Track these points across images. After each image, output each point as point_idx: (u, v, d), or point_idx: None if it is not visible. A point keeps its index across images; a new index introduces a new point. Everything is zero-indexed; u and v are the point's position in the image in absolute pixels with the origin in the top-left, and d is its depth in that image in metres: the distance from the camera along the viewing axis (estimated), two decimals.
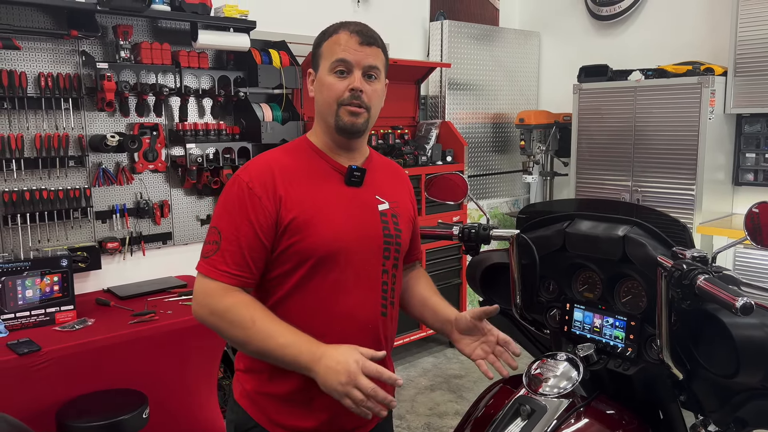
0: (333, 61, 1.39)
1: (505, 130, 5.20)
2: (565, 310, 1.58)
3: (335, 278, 1.39)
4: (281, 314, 1.40)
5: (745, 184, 4.19)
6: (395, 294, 1.51)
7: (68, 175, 3.04)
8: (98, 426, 2.28)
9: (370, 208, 1.47)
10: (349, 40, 1.40)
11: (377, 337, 1.46)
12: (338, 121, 1.41)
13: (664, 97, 4.02)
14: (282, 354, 1.29)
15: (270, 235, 1.37)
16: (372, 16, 4.45)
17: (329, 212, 1.39)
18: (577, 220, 1.57)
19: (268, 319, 1.32)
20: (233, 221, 1.36)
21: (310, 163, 1.45)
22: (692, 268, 1.24)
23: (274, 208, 1.36)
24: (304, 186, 1.40)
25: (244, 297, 1.35)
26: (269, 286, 1.43)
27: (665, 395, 1.45)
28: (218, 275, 1.34)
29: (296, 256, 1.37)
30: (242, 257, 1.35)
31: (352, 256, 1.40)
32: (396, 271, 1.51)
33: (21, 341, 2.42)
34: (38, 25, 2.89)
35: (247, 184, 1.37)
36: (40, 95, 2.88)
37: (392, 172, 1.62)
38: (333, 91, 1.40)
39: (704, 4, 4.42)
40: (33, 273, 2.63)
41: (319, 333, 1.37)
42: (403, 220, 1.53)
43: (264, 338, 1.30)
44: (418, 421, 3.44)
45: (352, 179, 1.45)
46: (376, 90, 1.44)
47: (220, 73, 3.43)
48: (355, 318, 1.42)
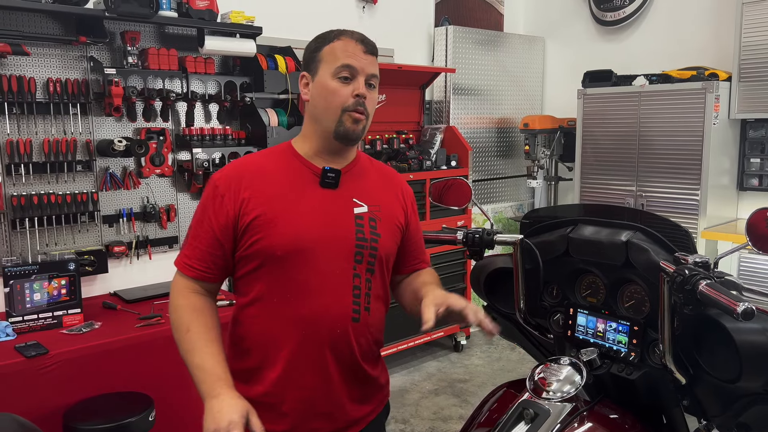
0: (338, 66, 1.39)
1: (510, 134, 5.22)
2: (568, 314, 1.59)
3: (300, 279, 1.38)
4: (250, 315, 1.42)
5: (749, 189, 4.19)
6: (372, 300, 1.46)
7: (76, 179, 3.06)
8: (105, 428, 2.29)
9: (344, 210, 1.44)
10: (354, 47, 1.41)
11: (347, 343, 1.43)
12: (339, 127, 1.41)
13: (668, 102, 4.03)
14: (192, 372, 1.34)
15: (226, 235, 1.39)
16: (377, 22, 4.47)
17: (295, 212, 1.39)
18: (581, 225, 1.58)
19: (201, 333, 1.36)
20: (199, 218, 1.43)
21: (286, 166, 1.46)
22: (694, 273, 1.25)
23: (234, 208, 1.38)
24: (274, 187, 1.41)
25: (196, 301, 1.41)
26: (240, 285, 1.46)
27: (668, 400, 1.46)
28: (182, 267, 1.43)
29: (257, 256, 1.39)
30: (202, 252, 1.41)
31: (317, 257, 1.38)
32: (372, 276, 1.46)
33: (29, 344, 2.44)
34: (47, 31, 2.93)
35: (215, 183, 1.42)
36: (48, 100, 2.91)
37: (384, 178, 1.59)
38: (338, 97, 1.39)
39: (708, 9, 4.43)
40: (41, 276, 2.65)
41: (284, 335, 1.39)
42: (385, 225, 1.49)
43: (187, 350, 1.36)
44: (422, 425, 3.45)
45: (326, 180, 1.44)
46: (374, 98, 1.45)
47: (227, 78, 3.46)
48: (319, 321, 1.39)
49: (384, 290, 1.53)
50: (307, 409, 1.42)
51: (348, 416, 1.48)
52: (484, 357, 4.41)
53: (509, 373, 4.09)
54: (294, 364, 1.40)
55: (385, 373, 1.60)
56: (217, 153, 3.36)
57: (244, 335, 1.44)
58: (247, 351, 1.44)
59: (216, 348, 1.36)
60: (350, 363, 1.45)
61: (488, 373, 4.13)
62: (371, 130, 4.15)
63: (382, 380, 1.58)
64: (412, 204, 1.62)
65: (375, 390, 1.55)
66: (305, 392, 1.42)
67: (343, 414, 1.47)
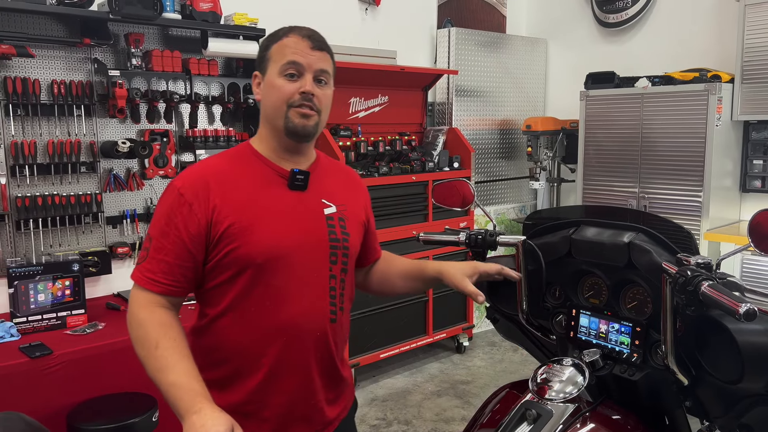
0: (283, 63, 1.37)
1: (512, 136, 5.22)
2: (571, 315, 1.59)
3: (278, 286, 1.36)
4: (225, 326, 1.38)
5: (752, 190, 4.19)
6: (345, 299, 1.48)
7: (80, 180, 3.08)
8: (108, 429, 2.30)
9: (315, 213, 1.43)
10: (300, 44, 1.38)
11: (326, 344, 1.43)
12: (288, 123, 1.38)
13: (671, 104, 4.03)
14: (167, 391, 1.23)
15: (199, 245, 1.33)
16: (380, 24, 4.48)
17: (270, 218, 1.36)
18: (583, 226, 1.58)
19: (171, 349, 1.27)
20: (163, 229, 1.34)
21: (251, 169, 1.42)
22: (696, 274, 1.25)
23: (205, 217, 1.32)
24: (243, 192, 1.37)
25: (161, 316, 1.32)
26: (210, 296, 1.40)
27: (670, 401, 1.46)
28: (145, 283, 1.34)
29: (235, 264, 1.34)
30: (169, 266, 1.33)
31: (295, 262, 1.37)
32: (345, 276, 1.47)
33: (33, 344, 2.45)
34: (52, 33, 2.94)
35: (179, 190, 1.35)
36: (52, 102, 2.93)
37: (343, 176, 1.59)
38: (283, 93, 1.37)
39: (711, 11, 4.43)
40: (45, 277, 2.67)
41: (265, 343, 1.37)
42: (352, 223, 1.50)
43: (158, 368, 1.25)
44: (424, 426, 3.45)
45: (295, 183, 1.41)
46: (326, 95, 1.42)
47: (230, 80, 3.47)
48: (301, 326, 1.38)
49: (352, 288, 1.54)
50: (287, 414, 1.41)
51: (325, 417, 1.48)
52: (486, 358, 4.42)
53: (512, 375, 4.09)
54: (276, 370, 1.38)
55: (350, 370, 1.61)
56: None
57: (216, 346, 1.40)
58: (222, 361, 1.39)
59: (189, 363, 1.27)
60: (329, 365, 1.46)
61: (491, 374, 4.14)
62: (373, 131, 4.18)
63: (350, 378, 1.59)
64: (369, 199, 1.65)
65: (345, 388, 1.56)
66: (286, 397, 1.41)
67: (320, 416, 1.46)
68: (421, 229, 4.01)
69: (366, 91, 4.18)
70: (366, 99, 4.20)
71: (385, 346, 3.97)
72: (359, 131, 4.09)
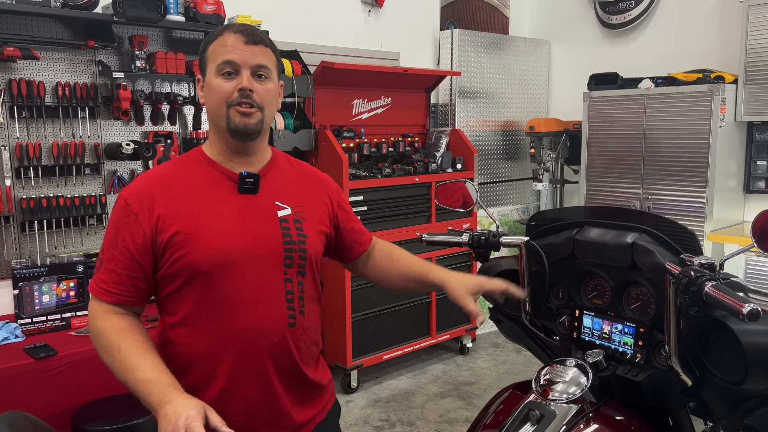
0: (219, 63, 1.35)
1: (516, 137, 5.22)
2: (574, 316, 1.59)
3: (228, 292, 1.33)
4: (182, 334, 1.37)
5: (756, 191, 4.18)
6: (305, 302, 1.44)
7: (84, 182, 3.09)
8: (113, 429, 2.31)
9: (267, 215, 1.40)
10: (234, 41, 1.35)
11: (287, 350, 1.40)
12: (229, 123, 1.35)
13: (674, 105, 4.02)
14: (137, 389, 1.24)
15: (146, 254, 1.33)
16: (383, 25, 4.49)
17: (216, 224, 1.34)
18: (586, 227, 1.58)
19: (134, 349, 1.27)
20: (112, 239, 1.35)
21: (200, 174, 1.40)
22: (700, 274, 1.25)
23: (150, 227, 1.32)
24: (190, 199, 1.36)
25: (119, 322, 1.32)
26: (165, 305, 1.39)
27: (674, 401, 1.46)
28: (99, 293, 1.34)
29: (182, 273, 1.33)
30: (119, 276, 1.33)
31: (244, 267, 1.34)
32: (304, 278, 1.44)
33: (38, 345, 2.46)
34: (56, 35, 2.96)
35: (125, 200, 1.35)
36: (57, 104, 2.94)
37: (304, 176, 1.55)
38: (220, 93, 1.35)
39: (714, 12, 4.43)
40: (50, 279, 2.68)
41: (220, 351, 1.35)
42: (310, 225, 1.46)
43: (125, 369, 1.26)
44: (428, 428, 3.45)
45: (245, 186, 1.39)
46: (269, 89, 1.38)
47: None
48: (256, 332, 1.36)
49: (316, 290, 1.51)
50: (250, 421, 1.40)
51: (293, 422, 1.45)
52: (489, 360, 4.41)
53: (515, 376, 4.09)
54: (235, 378, 1.37)
55: (327, 373, 1.57)
56: None
57: (176, 355, 1.38)
58: (183, 370, 1.36)
59: (155, 358, 1.27)
60: (291, 369, 1.43)
61: (494, 375, 4.13)
62: (376, 133, 4.19)
63: (325, 381, 1.55)
64: (338, 195, 1.60)
65: (318, 391, 1.53)
66: (248, 403, 1.39)
67: (287, 420, 1.44)
68: (424, 230, 4.01)
69: (369, 93, 4.19)
70: (369, 100, 4.21)
71: (389, 348, 3.97)
72: (362, 133, 4.10)
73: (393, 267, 1.69)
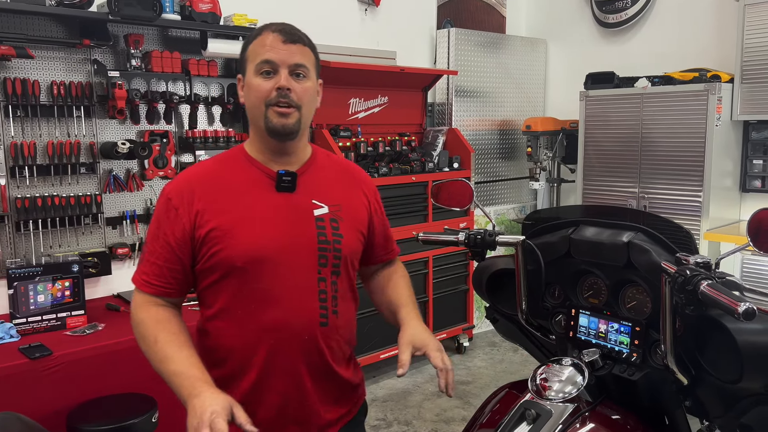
0: (258, 62, 1.37)
1: (512, 136, 5.22)
2: (570, 315, 1.59)
3: (262, 288, 1.36)
4: (218, 326, 1.40)
5: (752, 190, 4.18)
6: (339, 302, 1.45)
7: (79, 181, 3.08)
8: (108, 429, 2.30)
9: (303, 214, 1.41)
10: (273, 40, 1.37)
11: (317, 348, 1.41)
12: (268, 123, 1.37)
13: (670, 104, 4.03)
14: (170, 380, 1.28)
15: (185, 248, 1.36)
16: (379, 25, 4.48)
17: (253, 221, 1.37)
18: (582, 226, 1.58)
19: (170, 342, 1.32)
20: (154, 233, 1.39)
21: (239, 172, 1.42)
22: (695, 273, 1.25)
23: (189, 221, 1.36)
24: (229, 195, 1.38)
25: (158, 313, 1.37)
26: (203, 297, 1.43)
27: (670, 400, 1.46)
28: (141, 285, 1.40)
29: (219, 267, 1.36)
30: (160, 268, 1.38)
31: (278, 265, 1.36)
32: (338, 278, 1.44)
33: (33, 345, 2.45)
34: (51, 34, 2.94)
35: (167, 195, 1.39)
36: (52, 103, 2.93)
37: (344, 174, 1.55)
38: (259, 92, 1.36)
39: (711, 11, 4.43)
40: (45, 278, 2.67)
41: (253, 345, 1.38)
42: (347, 224, 1.47)
43: (160, 360, 1.30)
44: (424, 427, 3.45)
45: (282, 184, 1.41)
46: (306, 88, 1.39)
47: (230, 81, 3.47)
48: (287, 329, 1.38)
49: (352, 290, 1.51)
50: (280, 417, 1.41)
51: (321, 420, 1.46)
52: (486, 359, 4.41)
53: (512, 375, 4.09)
54: (267, 372, 1.39)
55: (358, 373, 1.58)
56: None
57: (214, 347, 1.42)
58: (218, 362, 1.41)
59: (189, 351, 1.32)
60: (322, 367, 1.44)
61: (491, 374, 4.13)
62: (373, 132, 4.19)
63: (356, 380, 1.56)
64: (375, 196, 1.60)
65: (348, 391, 1.54)
66: (278, 398, 1.41)
67: (316, 419, 1.45)
68: (421, 229, 4.01)
69: (366, 92, 4.18)
70: (366, 100, 4.20)
71: (385, 347, 3.96)
72: (359, 132, 4.09)
73: (385, 290, 1.64)
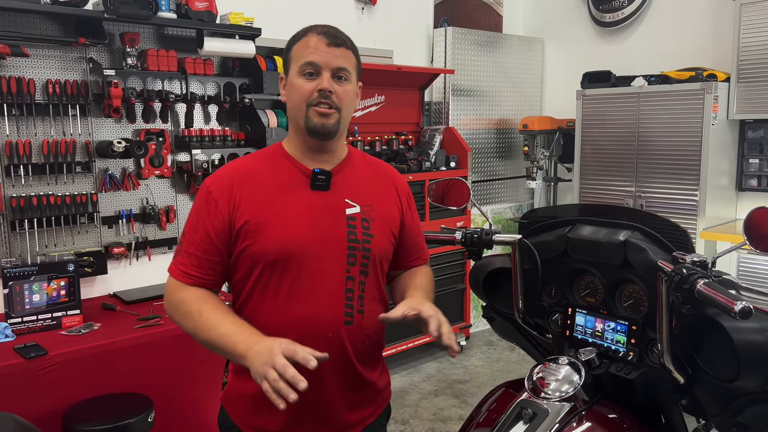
0: (302, 63, 1.40)
1: (509, 135, 5.22)
2: (567, 314, 1.59)
3: (289, 284, 1.39)
4: (245, 317, 1.42)
5: (748, 189, 4.19)
6: (365, 302, 1.45)
7: (75, 180, 3.07)
8: (104, 429, 2.29)
9: (335, 212, 1.44)
10: (317, 42, 1.40)
11: (341, 346, 1.42)
12: (308, 123, 1.41)
13: (667, 103, 4.03)
14: (222, 343, 1.32)
15: (224, 239, 1.40)
16: (376, 23, 4.48)
17: (286, 216, 1.40)
18: (579, 225, 1.58)
19: (214, 310, 1.36)
20: (194, 224, 1.43)
21: (277, 168, 1.46)
22: (692, 272, 1.25)
23: (228, 213, 1.39)
24: (265, 190, 1.42)
25: (197, 291, 1.41)
26: (235, 289, 1.48)
27: (667, 399, 1.46)
28: (178, 275, 1.43)
29: (249, 260, 1.40)
30: (198, 259, 1.41)
31: (306, 261, 1.39)
32: (366, 278, 1.45)
33: (28, 345, 2.44)
34: (46, 32, 2.93)
35: (208, 188, 1.43)
36: (47, 102, 2.92)
37: (378, 175, 1.57)
38: (301, 93, 1.40)
39: (707, 10, 4.44)
40: (40, 278, 2.65)
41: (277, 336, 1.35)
42: (378, 225, 1.48)
43: (208, 328, 1.34)
44: (421, 426, 3.45)
45: (317, 183, 1.44)
46: (347, 91, 1.43)
47: (226, 79, 3.46)
48: (311, 324, 1.39)
49: (380, 291, 1.52)
50: (299, 412, 1.41)
51: (342, 420, 1.47)
52: (483, 358, 4.42)
53: (509, 374, 4.09)
54: None
55: (385, 375, 1.59)
56: (217, 154, 3.37)
57: None
58: None
59: (234, 317, 1.36)
60: (345, 366, 1.44)
61: (488, 373, 4.14)
62: (370, 131, 4.18)
63: (381, 383, 1.56)
64: (409, 200, 1.61)
65: (373, 393, 1.54)
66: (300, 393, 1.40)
67: (337, 418, 1.46)
68: None
69: (362, 91, 4.15)
70: (362, 98, 4.19)
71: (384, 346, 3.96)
72: (356, 131, 4.09)
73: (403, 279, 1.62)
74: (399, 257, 1.59)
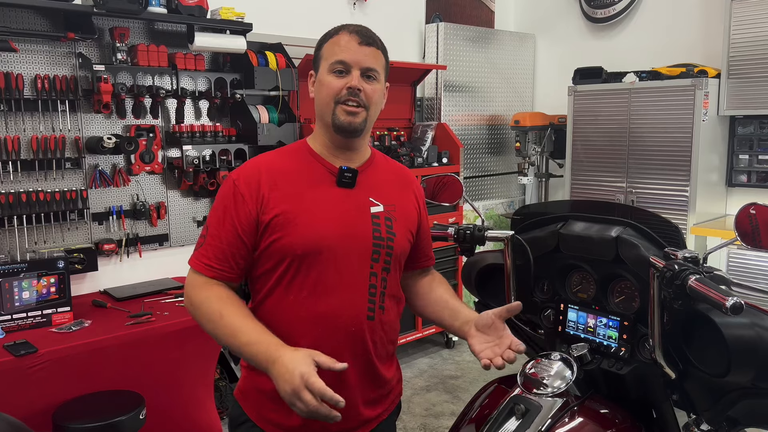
0: (332, 61, 1.41)
1: (501, 131, 5.23)
2: (559, 310, 1.60)
3: (316, 278, 1.40)
4: (265, 311, 1.44)
5: (738, 185, 4.22)
6: (386, 298, 1.49)
7: (65, 176, 3.04)
8: (95, 427, 2.28)
9: (361, 210, 1.46)
10: (348, 41, 1.42)
11: (362, 342, 1.44)
12: (335, 120, 1.42)
13: (658, 99, 4.05)
14: (243, 352, 1.33)
15: (250, 234, 1.40)
16: (368, 18, 4.46)
17: (314, 212, 1.41)
18: (571, 221, 1.59)
19: (236, 315, 1.35)
20: (219, 218, 1.42)
21: (303, 165, 1.47)
22: (683, 268, 1.25)
23: (255, 207, 1.39)
24: (292, 186, 1.43)
25: (219, 291, 1.40)
26: (256, 283, 1.47)
27: (658, 394, 1.47)
28: (201, 268, 1.41)
29: (276, 254, 1.40)
30: (223, 252, 1.40)
31: (334, 256, 1.40)
32: (388, 275, 1.48)
33: (18, 342, 2.42)
34: (35, 27, 2.90)
35: (234, 182, 1.43)
36: (36, 97, 2.89)
37: (398, 177, 1.60)
38: (331, 89, 1.41)
39: (698, 6, 4.45)
40: (29, 275, 2.63)
41: (299, 333, 1.39)
42: (400, 224, 1.51)
43: (229, 334, 1.34)
44: (414, 421, 3.46)
45: (343, 180, 1.45)
46: (376, 90, 1.44)
47: (217, 75, 3.44)
48: (336, 320, 1.41)
49: (398, 288, 1.55)
50: None
51: (360, 416, 1.48)
52: None
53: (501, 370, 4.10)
54: None
55: (398, 373, 1.61)
56: (208, 150, 3.35)
57: None
58: None
59: (255, 322, 1.36)
60: (365, 362, 1.46)
61: (480, 369, 4.13)
62: None
63: (395, 380, 1.59)
64: (423, 203, 1.65)
65: (387, 390, 1.55)
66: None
67: (355, 414, 1.46)
68: None
69: None
70: None
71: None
72: None
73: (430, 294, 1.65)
74: (411, 257, 1.62)
